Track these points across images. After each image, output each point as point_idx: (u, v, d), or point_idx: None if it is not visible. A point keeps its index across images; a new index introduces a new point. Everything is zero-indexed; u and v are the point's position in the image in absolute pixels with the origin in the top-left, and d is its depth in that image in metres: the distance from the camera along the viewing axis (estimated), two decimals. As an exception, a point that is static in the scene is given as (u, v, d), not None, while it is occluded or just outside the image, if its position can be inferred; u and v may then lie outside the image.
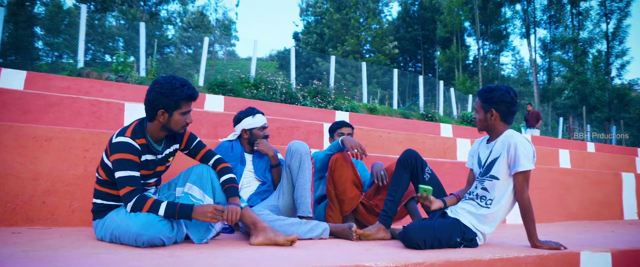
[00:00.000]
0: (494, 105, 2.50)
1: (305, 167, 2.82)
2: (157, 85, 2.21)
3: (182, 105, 2.25)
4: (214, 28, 43.44)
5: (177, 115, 2.26)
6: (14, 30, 32.60)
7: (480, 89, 2.58)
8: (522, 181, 2.42)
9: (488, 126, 2.56)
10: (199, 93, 2.34)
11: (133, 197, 2.11)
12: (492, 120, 2.52)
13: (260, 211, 2.57)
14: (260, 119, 3.09)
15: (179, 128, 2.30)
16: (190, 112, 2.33)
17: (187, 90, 2.23)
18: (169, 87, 2.20)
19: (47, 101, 4.01)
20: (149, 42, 36.42)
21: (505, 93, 2.48)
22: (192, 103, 2.34)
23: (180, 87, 2.21)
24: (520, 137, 2.43)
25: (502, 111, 2.50)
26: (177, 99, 2.21)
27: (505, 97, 2.47)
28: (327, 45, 35.05)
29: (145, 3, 36.57)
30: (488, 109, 2.51)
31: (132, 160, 2.16)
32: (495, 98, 2.48)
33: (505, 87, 2.51)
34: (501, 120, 2.52)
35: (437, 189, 2.68)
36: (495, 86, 2.53)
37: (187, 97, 2.24)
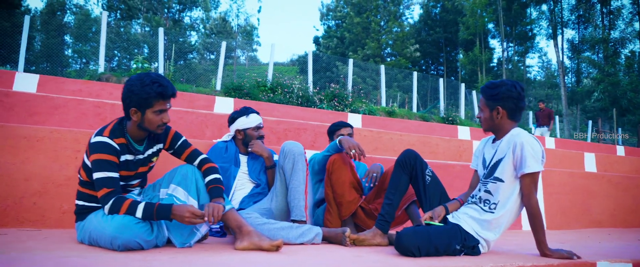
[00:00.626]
0: (500, 103, 2.31)
1: (299, 169, 2.70)
2: (128, 83, 2.12)
3: (153, 103, 2.12)
4: (235, 34, 43.86)
5: (150, 114, 2.14)
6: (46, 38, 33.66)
7: (483, 86, 2.40)
8: (530, 183, 2.23)
9: (494, 125, 2.38)
10: (175, 90, 2.20)
11: (110, 199, 2.02)
12: (498, 119, 2.34)
13: (249, 214, 2.46)
14: (255, 119, 2.98)
15: (154, 128, 2.18)
16: (166, 112, 2.20)
17: (157, 88, 2.10)
18: (139, 84, 2.09)
19: (54, 103, 4.01)
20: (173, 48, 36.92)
21: (511, 88, 2.29)
22: (170, 101, 2.20)
23: (150, 84, 2.09)
24: (527, 136, 2.25)
25: (509, 108, 2.32)
26: (146, 97, 2.09)
27: (511, 93, 2.29)
28: (347, 49, 34.91)
29: (169, 10, 37.20)
30: (494, 106, 2.33)
31: (109, 161, 2.07)
32: (501, 94, 2.29)
33: (511, 82, 2.33)
34: (508, 118, 2.34)
35: (438, 193, 2.52)
36: (500, 81, 2.35)
37: (158, 94, 2.10)
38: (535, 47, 36.83)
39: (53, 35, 31.86)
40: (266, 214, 2.69)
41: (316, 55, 39.33)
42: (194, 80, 20.83)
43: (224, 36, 40.19)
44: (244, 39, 45.03)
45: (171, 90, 2.17)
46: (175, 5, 38.13)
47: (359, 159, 2.80)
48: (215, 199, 2.23)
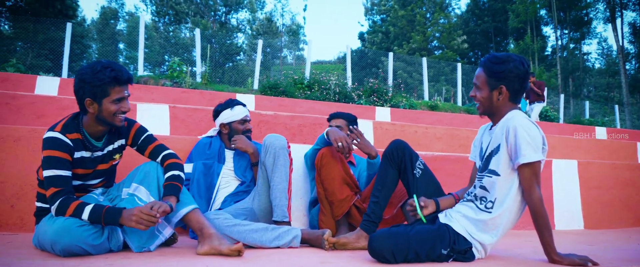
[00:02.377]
0: (504, 81, 1.97)
1: (281, 164, 2.47)
2: (79, 72, 1.97)
3: (109, 91, 1.97)
4: (281, 33, 44.21)
5: (107, 104, 1.99)
6: (101, 46, 35.32)
7: (484, 59, 2.03)
8: (530, 176, 1.89)
9: (492, 108, 2.04)
10: (131, 76, 2.06)
11: (57, 199, 1.89)
12: (499, 101, 2.00)
13: (218, 215, 2.27)
14: (240, 112, 2.78)
15: (113, 119, 2.03)
16: (125, 99, 2.04)
17: (111, 73, 1.94)
18: (90, 72, 1.94)
19: (60, 105, 4.01)
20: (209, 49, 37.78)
21: (519, 65, 1.94)
22: (127, 88, 2.05)
23: (102, 70, 1.94)
24: (522, 119, 1.90)
25: (513, 89, 1.98)
26: (100, 84, 1.94)
27: (519, 71, 1.95)
28: (392, 43, 34.19)
29: (215, 13, 37.99)
30: (496, 85, 1.98)
31: (59, 158, 1.94)
32: (508, 72, 1.94)
33: (518, 57, 1.98)
34: (510, 100, 2.01)
35: (431, 188, 2.22)
36: (506, 55, 1.99)
37: (112, 80, 1.95)
38: (592, 33, 34.30)
39: (107, 43, 33.40)
40: (248, 214, 2.50)
41: (361, 51, 38.86)
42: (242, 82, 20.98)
43: (270, 36, 40.63)
44: (290, 38, 45.31)
45: (126, 74, 2.02)
46: (221, 7, 38.90)
47: (346, 154, 2.54)
48: (166, 197, 2.05)
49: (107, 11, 35.64)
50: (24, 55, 20.66)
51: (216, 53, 34.51)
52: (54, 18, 21.94)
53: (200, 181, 2.66)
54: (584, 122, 17.28)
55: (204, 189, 2.65)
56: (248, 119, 2.81)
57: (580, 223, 3.92)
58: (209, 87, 11.55)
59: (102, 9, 36.47)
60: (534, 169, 1.89)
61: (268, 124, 4.65)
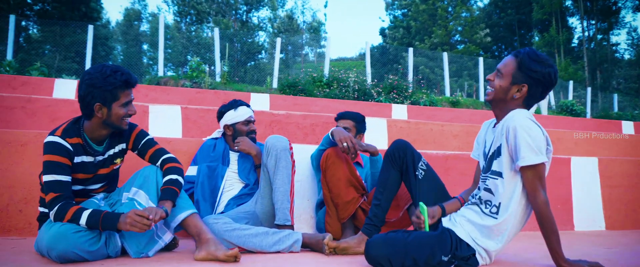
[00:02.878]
0: (530, 81, 1.87)
1: (282, 166, 2.44)
2: (86, 77, 1.97)
3: (119, 95, 2.00)
4: (302, 31, 44.23)
5: (116, 108, 2.01)
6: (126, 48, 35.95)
7: (524, 50, 1.90)
8: (533, 178, 1.80)
9: (504, 101, 1.93)
10: (136, 78, 2.08)
11: (56, 204, 1.89)
12: (514, 98, 1.90)
13: (217, 219, 2.25)
14: (244, 112, 2.75)
15: (120, 123, 2.05)
16: (131, 102, 2.08)
17: (121, 77, 1.97)
18: (100, 77, 1.95)
19: (75, 107, 4.06)
20: (242, 49, 37.93)
21: (553, 73, 1.85)
22: (132, 90, 2.08)
23: (112, 74, 1.96)
24: (522, 119, 1.80)
25: (533, 93, 1.89)
26: (111, 89, 1.96)
27: (550, 78, 1.85)
28: (414, 38, 33.79)
29: (236, 12, 38.23)
30: (521, 81, 1.88)
31: (59, 162, 1.95)
32: (541, 74, 1.84)
33: (553, 65, 1.87)
34: (523, 102, 1.92)
35: (434, 190, 2.15)
36: (548, 58, 1.88)
37: (123, 83, 1.99)
38: (620, 23, 33.04)
39: (131, 44, 34.02)
40: (250, 218, 2.47)
41: (383, 47, 38.51)
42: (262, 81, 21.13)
43: (291, 34, 40.69)
44: (311, 35, 45.28)
45: (134, 77, 2.07)
46: (242, 6, 39.13)
47: (350, 156, 2.49)
48: (162, 201, 2.04)
49: (131, 13, 36.29)
50: (52, 58, 21.19)
51: (237, 52, 34.79)
52: (79, 21, 22.45)
53: (204, 184, 2.65)
54: (612, 116, 16.73)
55: (208, 192, 2.64)
56: (252, 120, 2.78)
57: (601, 224, 3.77)
58: (228, 87, 11.62)
59: (126, 10, 37.16)
60: (538, 172, 1.79)
61: (280, 124, 4.63)
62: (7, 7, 19.27)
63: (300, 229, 3.10)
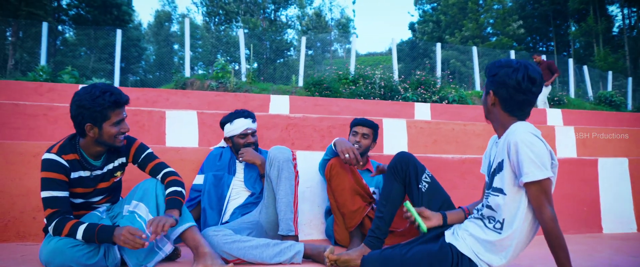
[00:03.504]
0: (493, 87, 1.80)
1: (285, 177, 2.39)
2: (76, 98, 1.98)
3: (110, 114, 1.99)
4: (330, 28, 44.14)
5: (107, 127, 2.01)
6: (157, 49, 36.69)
7: (492, 61, 1.87)
8: (538, 194, 1.69)
9: (489, 114, 1.87)
10: (127, 97, 2.06)
11: (53, 219, 1.92)
12: (491, 107, 1.84)
13: (217, 231, 2.22)
14: (239, 126, 2.70)
15: (114, 141, 2.05)
16: (123, 120, 2.06)
17: (110, 97, 1.96)
18: (89, 98, 1.95)
19: (93, 114, 4.14)
20: (271, 47, 38.04)
21: (511, 73, 1.74)
22: (124, 109, 2.07)
23: (101, 95, 1.95)
24: (523, 133, 1.69)
25: (502, 97, 1.79)
26: (101, 109, 1.96)
27: (508, 79, 1.74)
28: (444, 32, 33.15)
29: (264, 11, 38.47)
30: (488, 87, 1.84)
31: (56, 179, 1.97)
32: (498, 77, 1.77)
33: (519, 65, 1.76)
34: (502, 109, 1.81)
35: (438, 203, 2.06)
36: (507, 61, 1.80)
37: (112, 104, 1.97)
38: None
39: (162, 45, 34.76)
40: (253, 228, 2.44)
41: (412, 41, 38.00)
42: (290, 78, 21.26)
43: (319, 31, 40.68)
44: (340, 31, 45.14)
45: (125, 97, 2.05)
46: (270, 5, 39.35)
47: (353, 165, 2.43)
48: (169, 210, 2.04)
49: (161, 14, 37.05)
50: (87, 60, 21.90)
51: (266, 50, 35.05)
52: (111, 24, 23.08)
53: (211, 193, 2.64)
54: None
55: (215, 201, 2.63)
56: (249, 132, 2.72)
57: (632, 225, 3.59)
58: (253, 86, 11.68)
59: (157, 12, 37.97)
60: (543, 187, 1.68)
61: (297, 127, 4.60)
62: (44, 13, 19.96)
63: (310, 235, 3.06)
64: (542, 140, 1.70)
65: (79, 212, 2.15)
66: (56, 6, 23.87)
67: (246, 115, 2.73)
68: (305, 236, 3.04)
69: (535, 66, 1.80)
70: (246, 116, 2.73)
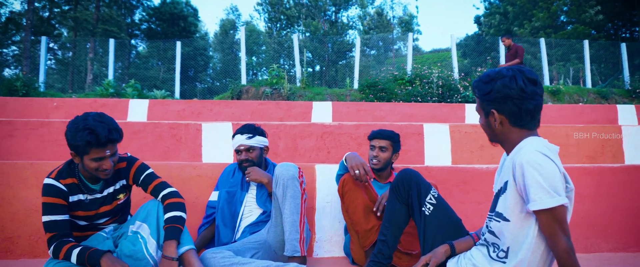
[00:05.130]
0: (494, 105, 1.59)
1: (290, 195, 2.31)
2: (67, 126, 1.99)
3: (89, 151, 1.95)
4: (392, 26, 43.53)
5: (87, 161, 1.98)
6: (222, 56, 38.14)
7: (476, 80, 1.69)
8: (550, 223, 1.46)
9: (496, 136, 1.66)
10: (113, 135, 1.97)
11: (52, 243, 1.99)
12: (499, 127, 1.62)
13: (215, 254, 2.17)
14: (235, 142, 2.66)
15: (96, 173, 2.03)
16: (106, 159, 1.99)
17: (87, 136, 1.90)
18: (73, 130, 1.94)
19: (133, 128, 4.30)
20: (333, 49, 38.13)
21: (508, 82, 1.55)
22: (109, 147, 1.99)
23: (82, 130, 1.91)
24: (531, 153, 1.47)
25: (509, 111, 1.58)
26: (77, 145, 1.94)
27: (508, 90, 1.55)
28: (512, 24, 31.44)
29: (325, 13, 38.67)
30: (488, 110, 1.63)
31: (54, 203, 2.02)
32: (495, 92, 1.57)
33: (512, 72, 1.57)
34: (512, 125, 1.60)
35: (444, 227, 1.87)
36: (496, 72, 1.61)
37: (87, 143, 1.91)
38: None
39: (227, 52, 35.98)
40: (260, 248, 2.38)
41: (478, 36, 36.42)
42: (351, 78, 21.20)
43: (380, 30, 40.25)
44: (403, 29, 44.37)
45: (105, 138, 1.94)
46: (331, 7, 39.50)
47: (363, 181, 2.29)
48: (167, 241, 2.02)
49: (226, 23, 38.36)
50: (157, 71, 23.18)
51: (328, 53, 35.19)
52: (178, 36, 24.23)
53: (224, 210, 2.62)
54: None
55: (228, 218, 2.61)
56: (242, 148, 2.64)
57: None
58: (307, 90, 11.72)
59: (221, 21, 39.37)
60: (555, 215, 1.45)
61: (332, 135, 4.49)
62: (118, 30, 21.35)
63: (331, 253, 2.96)
64: (554, 160, 1.48)
65: (85, 233, 2.20)
66: (129, 22, 25.45)
67: (243, 131, 2.66)
68: (326, 253, 2.94)
69: (525, 67, 1.60)
70: (242, 132, 2.65)
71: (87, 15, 21.91)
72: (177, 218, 2.09)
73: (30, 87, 8.94)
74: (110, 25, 20.81)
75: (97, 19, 20.80)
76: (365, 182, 2.31)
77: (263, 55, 36.51)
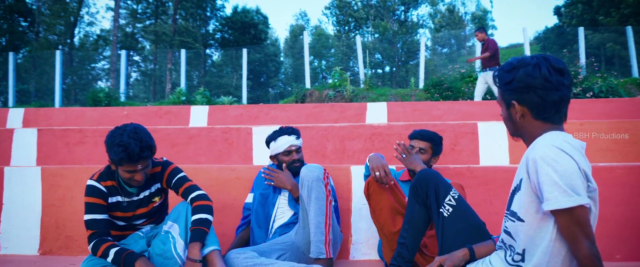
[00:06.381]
0: (516, 95, 1.48)
1: (314, 197, 2.31)
2: (107, 136, 2.13)
3: (122, 164, 2.08)
4: (465, 23, 42.09)
5: (120, 171, 2.13)
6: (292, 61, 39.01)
7: (497, 68, 1.57)
8: (569, 225, 1.33)
9: (518, 130, 1.54)
10: (145, 153, 2.07)
11: (92, 240, 2.13)
12: (520, 120, 1.50)
13: (239, 255, 2.21)
14: (283, 143, 2.67)
15: (129, 182, 2.17)
16: (138, 172, 2.12)
17: (120, 153, 2.02)
18: (109, 143, 2.08)
19: (188, 134, 4.52)
20: (403, 50, 37.59)
21: (532, 71, 1.43)
22: (138, 163, 2.09)
23: (116, 145, 2.04)
24: (545, 147, 1.35)
25: (532, 103, 1.45)
26: (112, 157, 2.08)
27: (531, 80, 1.43)
28: (596, 13, 29.12)
29: (394, 13, 38.22)
30: (509, 101, 1.51)
31: (95, 203, 2.18)
32: (517, 82, 1.46)
33: (537, 59, 1.45)
34: (535, 118, 1.47)
35: (464, 230, 1.77)
36: (519, 59, 1.49)
37: (120, 160, 2.04)
38: None
39: (297, 57, 36.70)
40: (287, 249, 2.40)
41: (559, 27, 34.09)
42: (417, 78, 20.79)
43: (451, 27, 39.05)
44: (476, 25, 42.73)
45: (136, 156, 2.05)
46: (400, 6, 38.96)
47: (384, 183, 2.24)
48: (192, 243, 2.11)
49: (296, 28, 39.14)
50: (230, 79, 24.18)
51: (397, 53, 34.70)
52: (249, 43, 25.10)
53: (258, 212, 2.68)
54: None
55: (262, 219, 2.66)
56: (293, 149, 2.68)
57: None
58: (370, 92, 11.65)
59: (291, 27, 40.23)
60: (575, 216, 1.31)
61: (381, 136, 4.43)
62: (193, 41, 22.53)
63: (368, 256, 2.92)
64: (573, 156, 1.33)
65: (124, 232, 2.34)
66: (204, 32, 26.77)
67: (289, 132, 2.71)
68: (363, 256, 2.90)
69: (553, 56, 1.46)
70: (289, 133, 2.70)
71: (166, 29, 23.39)
72: (202, 220, 2.17)
73: (111, 97, 9.69)
74: (185, 36, 22.04)
75: (174, 32, 22.12)
76: (386, 184, 2.26)
77: (333, 59, 36.75)
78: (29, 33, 23.08)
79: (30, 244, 3.02)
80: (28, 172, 3.12)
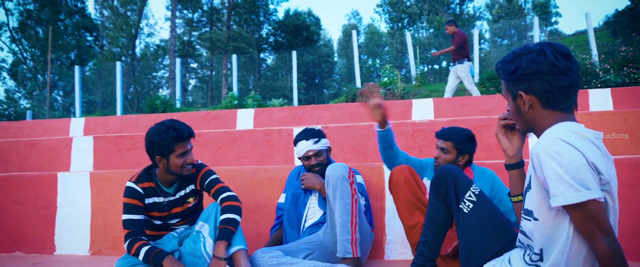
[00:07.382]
0: (522, 85, 1.40)
1: (339, 196, 2.29)
2: (148, 134, 2.26)
3: (174, 148, 2.23)
4: (526, 12, 40.22)
5: (173, 159, 2.25)
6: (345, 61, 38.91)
7: (498, 64, 1.49)
8: (583, 221, 1.23)
9: (527, 122, 1.45)
10: (191, 131, 2.29)
11: (128, 239, 2.24)
12: (529, 111, 1.41)
13: (265, 254, 2.23)
14: (301, 148, 2.67)
15: (181, 171, 2.28)
16: (189, 152, 2.28)
17: (173, 132, 2.20)
18: (157, 133, 2.22)
19: (232, 137, 4.63)
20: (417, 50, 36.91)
21: (536, 57, 1.35)
22: (190, 141, 2.29)
23: (166, 130, 2.21)
24: (550, 140, 1.26)
25: (540, 91, 1.36)
26: (166, 143, 2.21)
27: (537, 66, 1.35)
28: (675, -8, 26.78)
29: (448, 7, 37.23)
30: (515, 92, 1.43)
31: (133, 204, 2.29)
32: (522, 69, 1.38)
33: (540, 46, 1.37)
34: (545, 108, 1.38)
35: (483, 227, 1.68)
36: (521, 48, 1.41)
37: (175, 138, 2.20)
38: None
39: (349, 57, 36.65)
40: (316, 248, 2.40)
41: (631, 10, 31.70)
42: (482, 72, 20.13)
43: (510, 17, 37.44)
44: (538, 13, 40.72)
45: (187, 132, 2.27)
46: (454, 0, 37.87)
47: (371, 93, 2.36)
48: (218, 242, 2.16)
49: (348, 28, 39.08)
50: (284, 81, 24.58)
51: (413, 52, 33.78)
52: (302, 45, 25.37)
53: (290, 212, 2.70)
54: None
55: (294, 219, 2.68)
56: (310, 154, 2.65)
57: None
58: (422, 89, 11.42)
59: (343, 27, 40.21)
60: (588, 212, 1.22)
61: (423, 133, 4.32)
62: (246, 46, 23.10)
63: (404, 255, 2.86)
64: (579, 148, 1.23)
65: (160, 232, 2.45)
66: (257, 37, 27.37)
67: (308, 137, 2.67)
68: (398, 256, 2.84)
69: (556, 43, 1.37)
70: (307, 138, 2.67)
71: (220, 35, 24.16)
72: (230, 220, 2.22)
73: (167, 104, 10.13)
74: (239, 42, 22.65)
75: (228, 38, 22.79)
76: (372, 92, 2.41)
77: (387, 57, 36.35)
78: (94, 47, 24.69)
79: (81, 245, 3.23)
80: (78, 177, 3.33)
